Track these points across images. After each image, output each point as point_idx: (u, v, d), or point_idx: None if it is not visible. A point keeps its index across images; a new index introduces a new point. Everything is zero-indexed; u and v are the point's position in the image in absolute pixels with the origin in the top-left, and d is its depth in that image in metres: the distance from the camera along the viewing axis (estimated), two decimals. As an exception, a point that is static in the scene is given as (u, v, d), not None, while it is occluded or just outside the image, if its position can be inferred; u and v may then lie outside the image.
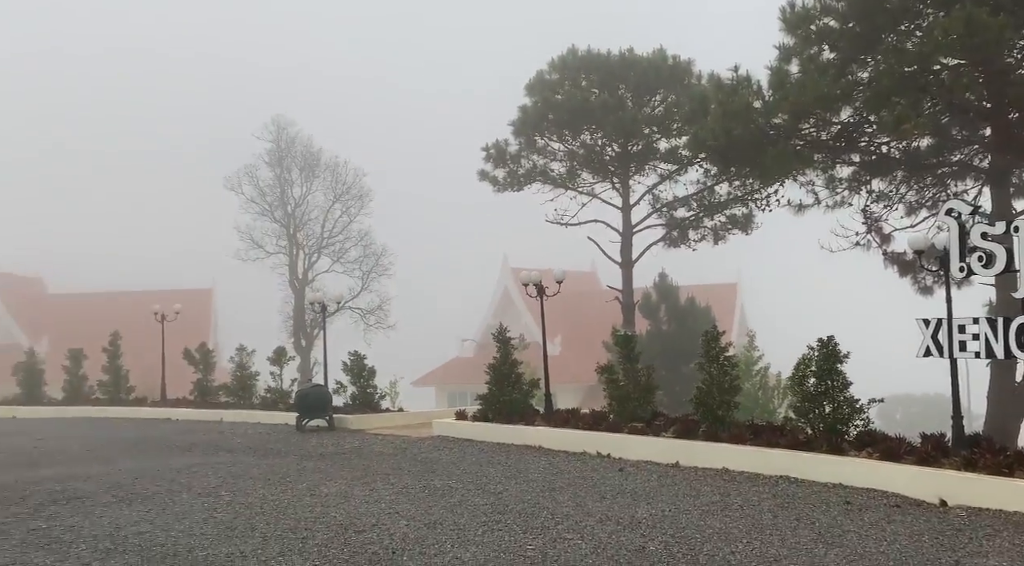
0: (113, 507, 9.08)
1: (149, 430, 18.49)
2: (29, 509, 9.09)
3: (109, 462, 13.13)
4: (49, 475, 11.67)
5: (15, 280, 52.35)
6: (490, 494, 9.39)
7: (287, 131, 42.23)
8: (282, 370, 21.35)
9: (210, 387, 23.20)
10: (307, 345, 39.40)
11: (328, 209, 42.14)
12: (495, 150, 27.05)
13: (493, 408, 15.31)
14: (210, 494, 9.78)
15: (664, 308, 30.24)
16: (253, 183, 41.56)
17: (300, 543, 7.20)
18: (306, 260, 41.87)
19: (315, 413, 17.40)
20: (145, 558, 6.78)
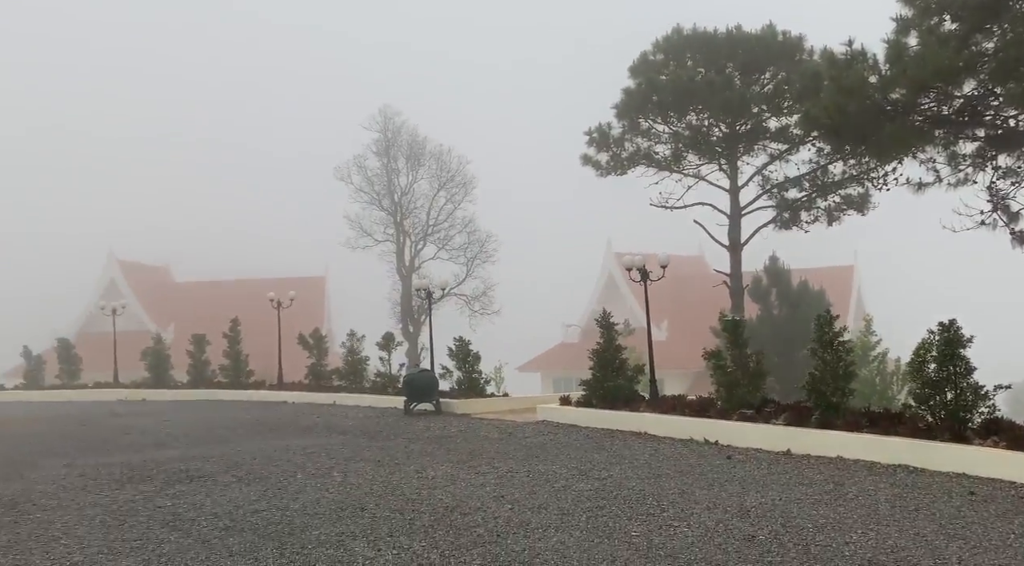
0: (232, 487, 9.48)
1: (266, 412, 19.23)
2: (155, 487, 9.59)
3: (229, 443, 13.73)
4: (174, 455, 12.30)
5: (144, 269, 55.27)
6: (594, 479, 9.35)
7: (393, 121, 43.07)
8: (390, 355, 21.84)
9: (323, 371, 23.97)
10: (414, 331, 40.21)
11: (433, 197, 42.84)
12: (598, 134, 26.81)
13: (597, 394, 15.24)
14: (323, 475, 10.10)
15: (775, 292, 29.41)
16: (361, 173, 42.63)
17: (407, 524, 7.35)
18: (412, 248, 42.69)
19: (422, 397, 17.72)
20: (261, 536, 7.04)
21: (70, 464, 11.62)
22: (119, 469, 10.99)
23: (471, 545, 6.61)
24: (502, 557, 6.26)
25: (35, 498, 9.09)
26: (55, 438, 15.09)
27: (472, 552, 6.40)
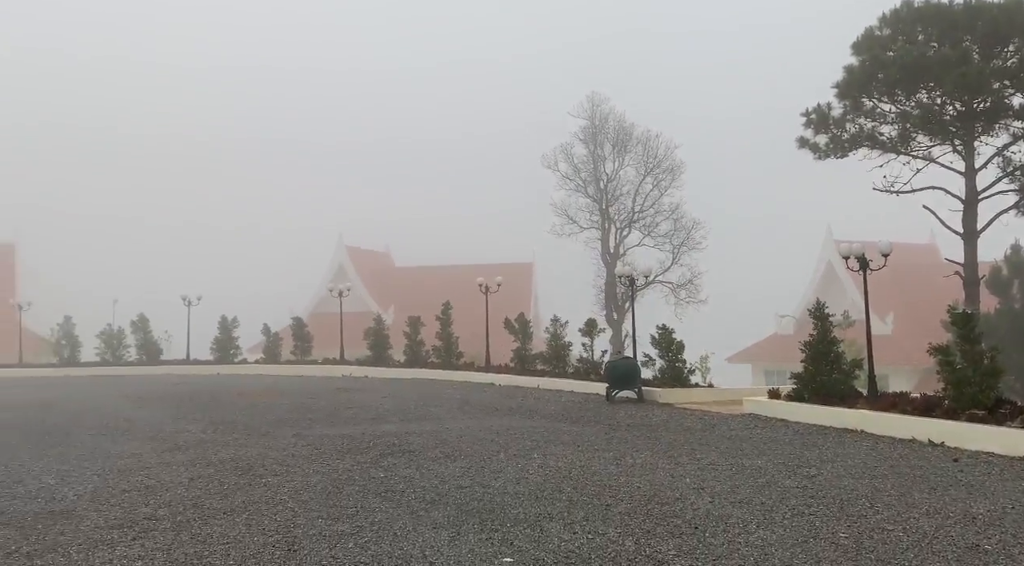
0: (440, 462, 9.91)
1: (474, 393, 19.95)
2: (371, 459, 10.22)
3: (438, 420, 14.38)
4: (390, 430, 13.05)
5: (368, 254, 58.90)
6: (802, 477, 8.94)
7: (600, 108, 43.10)
8: (593, 342, 21.94)
9: (528, 355, 24.49)
10: (618, 318, 40.14)
11: (639, 183, 42.49)
12: (816, 115, 25.48)
13: (809, 388, 14.54)
14: (523, 456, 10.33)
15: (1017, 284, 26.73)
16: (568, 160, 43.02)
17: (604, 510, 7.37)
18: (617, 234, 42.58)
19: (624, 385, 17.68)
20: (463, 511, 7.32)
21: (299, 434, 12.63)
22: (341, 441, 11.81)
23: (668, 535, 6.52)
24: (699, 550, 6.13)
25: (267, 464, 9.95)
26: (287, 410, 16.45)
27: (668, 542, 6.32)
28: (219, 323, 34.21)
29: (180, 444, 11.73)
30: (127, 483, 8.82)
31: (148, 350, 35.28)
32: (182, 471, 9.51)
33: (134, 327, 35.68)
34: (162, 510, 7.52)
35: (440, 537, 6.47)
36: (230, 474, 9.29)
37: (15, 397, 21.11)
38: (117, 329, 36.12)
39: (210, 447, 11.39)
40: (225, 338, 34.02)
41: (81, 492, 8.35)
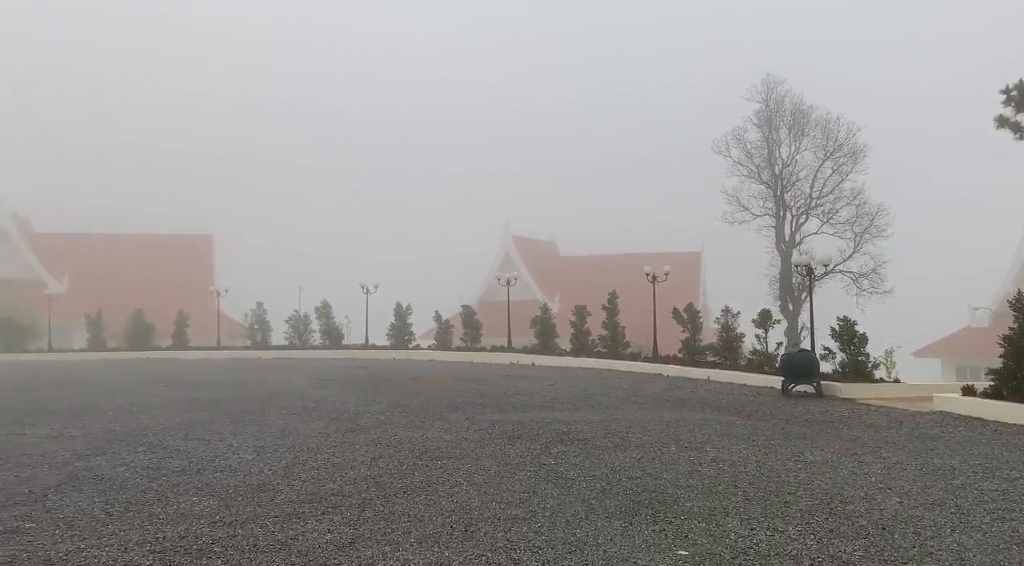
0: (610, 452, 9.90)
1: (641, 384, 19.79)
2: (540, 446, 10.34)
3: (606, 410, 14.36)
4: (558, 418, 13.16)
5: (534, 245, 59.56)
6: (1002, 479, 8.29)
7: (776, 90, 41.49)
8: (767, 333, 21.24)
9: (697, 346, 24.03)
10: (793, 309, 38.62)
11: (817, 168, 40.63)
12: (1017, 92, 23.39)
13: (1009, 385, 13.45)
14: (696, 449, 10.15)
15: None
16: (740, 145, 41.73)
17: (783, 507, 7.12)
18: (793, 222, 40.91)
19: (802, 378, 17.01)
20: (635, 502, 7.28)
21: (470, 419, 12.98)
22: (511, 426, 12.03)
23: (853, 535, 6.22)
24: (887, 551, 5.81)
25: (442, 447, 10.28)
26: (459, 395, 16.93)
27: (854, 543, 6.03)
28: (395, 310, 35.69)
29: (362, 425, 12.33)
30: (316, 460, 9.36)
31: (331, 335, 37.31)
32: (365, 450, 9.99)
33: (318, 313, 37.83)
34: (348, 487, 7.93)
35: (612, 526, 6.46)
36: (408, 455, 9.67)
37: (215, 376, 22.89)
38: (303, 315, 38.43)
39: (389, 428, 11.90)
40: (400, 325, 35.44)
41: (275, 467, 8.94)
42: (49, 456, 9.57)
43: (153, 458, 9.51)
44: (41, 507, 7.08)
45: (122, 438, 11.05)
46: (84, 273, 52.73)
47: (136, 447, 10.29)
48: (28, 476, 8.38)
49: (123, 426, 12.27)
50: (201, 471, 8.71)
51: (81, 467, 8.92)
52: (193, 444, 10.53)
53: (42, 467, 8.90)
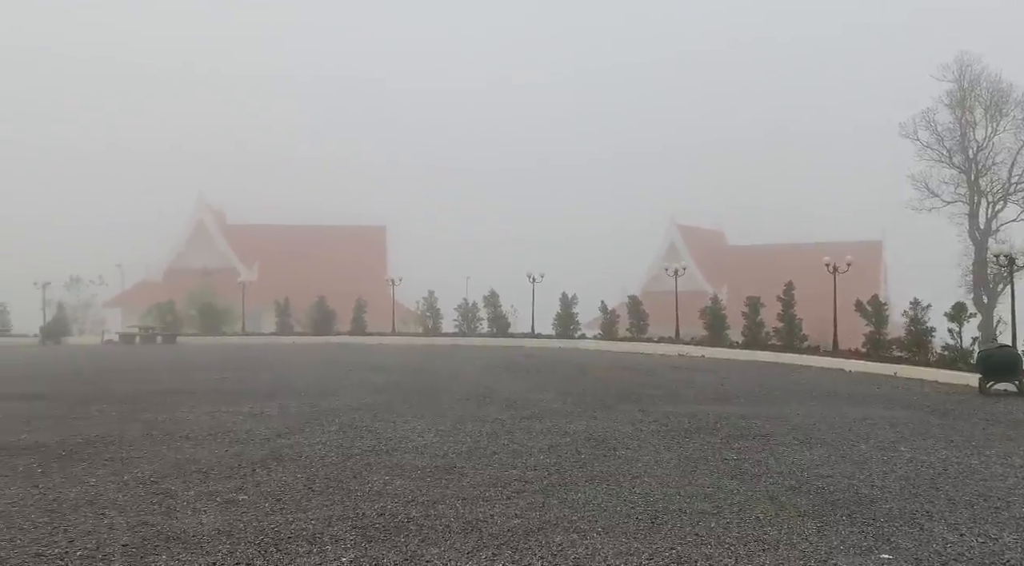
0: (794, 448, 9.56)
1: (822, 379, 18.99)
2: (720, 440, 10.12)
3: (786, 405, 13.86)
4: (735, 412, 12.84)
5: (701, 233, 58.31)
6: None
7: (971, 69, 38.58)
8: (961, 328, 19.85)
9: (882, 341, 22.77)
10: (989, 302, 35.89)
11: (1018, 151, 37.48)
12: None
13: None
14: (888, 448, 9.62)
15: None
16: (930, 128, 39.12)
17: (993, 512, 6.63)
18: (989, 209, 37.97)
19: (1002, 376, 15.80)
20: (828, 501, 6.99)
21: (643, 410, 12.88)
22: (686, 419, 11.84)
23: (1079, 550, 5.71)
24: (1122, 571, 5.30)
25: (619, 437, 10.26)
26: (629, 385, 16.85)
27: (1080, 558, 5.53)
28: (560, 300, 35.90)
29: (536, 413, 12.50)
30: (495, 445, 9.57)
31: (498, 323, 38.03)
32: (541, 438, 10.12)
33: (486, 302, 38.64)
34: (529, 473, 8.06)
35: (807, 525, 6.23)
36: (584, 444, 9.71)
37: (392, 361, 23.87)
38: (472, 303, 39.39)
39: (562, 417, 12.00)
40: (565, 314, 35.62)
41: (459, 451, 9.22)
42: (253, 433, 10.28)
43: (345, 438, 10.02)
44: (251, 480, 7.62)
45: (315, 418, 11.72)
46: (272, 262, 56.29)
47: (328, 426, 10.89)
48: (237, 451, 9.04)
49: (314, 407, 13.01)
50: (391, 452, 9.10)
51: (282, 444, 9.52)
52: (380, 425, 11.03)
53: (248, 443, 9.57)
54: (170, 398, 14.07)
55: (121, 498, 6.83)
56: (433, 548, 5.63)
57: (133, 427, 10.66)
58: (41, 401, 13.70)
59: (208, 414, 12.02)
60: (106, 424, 10.96)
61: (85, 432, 10.19)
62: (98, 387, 16.32)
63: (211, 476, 7.75)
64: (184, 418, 11.58)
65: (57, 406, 12.95)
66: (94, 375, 19.54)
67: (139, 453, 8.85)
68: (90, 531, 5.84)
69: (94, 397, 14.30)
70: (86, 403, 13.31)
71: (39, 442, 9.43)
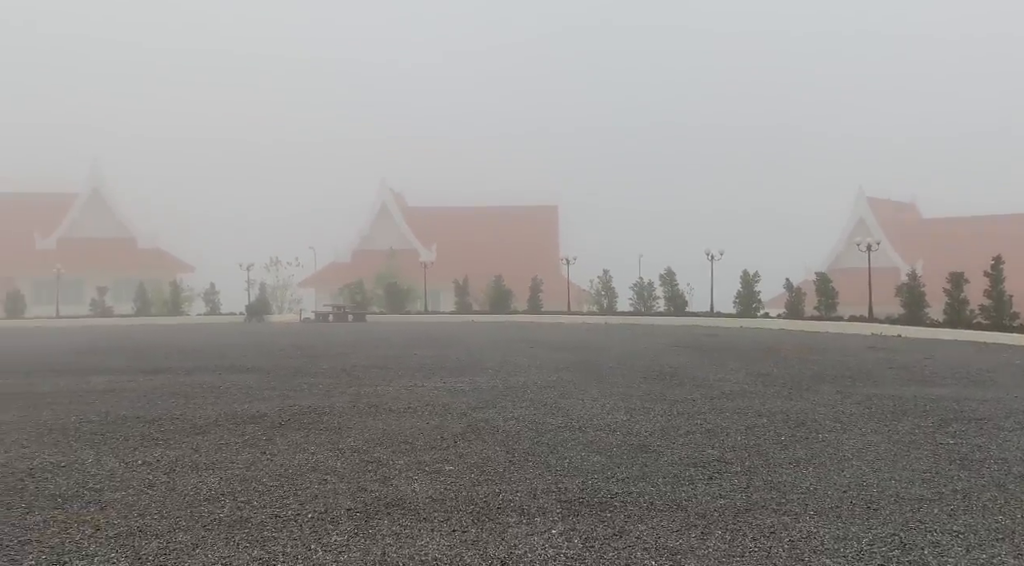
0: (1018, 434, 8.85)
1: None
2: (932, 424, 9.51)
3: (1001, 388, 12.85)
4: (943, 394, 12.03)
5: (891, 206, 54.92)
6: None
7: None
8: None
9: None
10: None
11: None
12: None
13: None
14: None
15: None
16: None
17: None
18: None
19: None
20: (1065, 492, 6.43)
21: (842, 392, 12.30)
22: (891, 402, 11.21)
23: None
24: None
25: (818, 419, 9.86)
26: (823, 366, 16.17)
27: None
28: (741, 277, 34.91)
29: (726, 392, 12.22)
30: (689, 425, 9.44)
31: (675, 302, 37.49)
32: (737, 419, 9.88)
33: (662, 280, 38.17)
34: (728, 454, 7.89)
35: (1044, 517, 5.76)
36: (783, 426, 9.40)
37: (570, 340, 24.08)
38: (647, 282, 39.03)
39: (755, 398, 11.67)
40: (747, 292, 34.61)
41: (651, 429, 9.17)
42: (451, 407, 10.66)
43: (536, 413, 10.21)
44: (454, 452, 7.90)
45: (505, 394, 12.00)
46: (449, 243, 58.08)
47: (519, 402, 11.12)
48: (437, 424, 9.40)
49: (503, 382, 13.32)
50: (583, 428, 9.18)
51: (478, 418, 9.82)
52: (569, 402, 11.14)
53: (446, 416, 9.94)
54: (369, 373, 14.84)
55: (339, 465, 7.27)
56: (640, 525, 5.63)
57: (340, 399, 11.32)
58: (254, 374, 14.80)
59: (405, 388, 12.58)
60: (316, 396, 11.70)
61: (299, 403, 10.92)
62: (303, 362, 17.44)
63: (417, 447, 8.10)
64: (384, 392, 12.17)
65: (270, 379, 13.95)
66: (297, 350, 20.89)
67: (349, 423, 9.38)
68: (316, 495, 6.26)
69: (301, 371, 15.31)
70: (295, 376, 14.27)
71: (260, 412, 10.19)
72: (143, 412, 10.23)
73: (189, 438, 8.50)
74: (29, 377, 14.70)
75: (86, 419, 9.69)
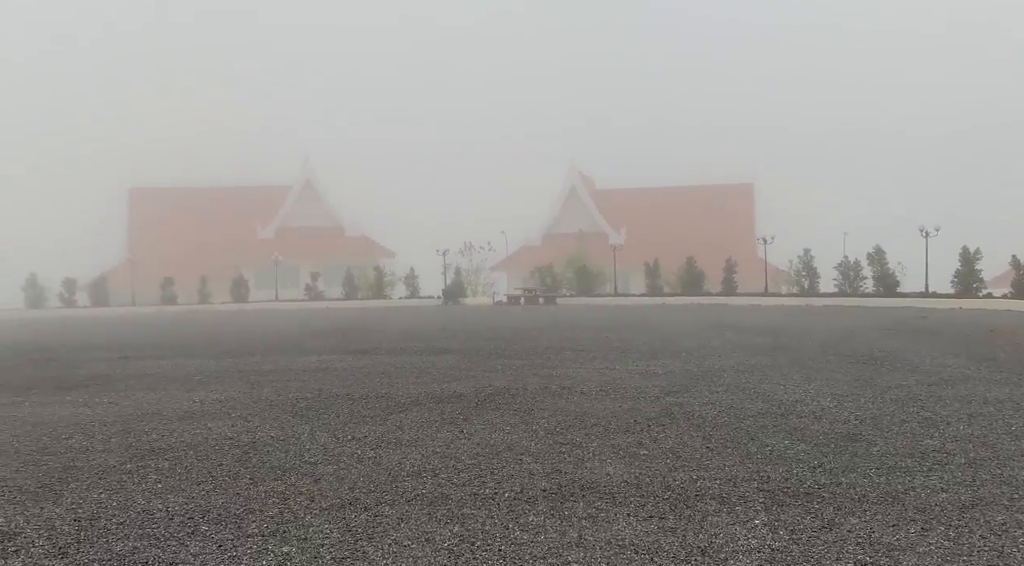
0: None
1: None
2: None
3: None
4: None
5: None
6: None
7: None
8: None
9: None
10: None
11: None
12: None
13: None
14: None
15: None
16: None
17: None
18: None
19: None
20: None
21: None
22: None
23: None
24: None
25: (1056, 408, 8.90)
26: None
27: None
28: (960, 255, 32.22)
29: (945, 378, 11.30)
30: (904, 413, 8.79)
31: (884, 282, 35.19)
32: (957, 407, 9.10)
33: (870, 259, 35.92)
34: (949, 444, 7.27)
35: None
36: (1014, 415, 8.56)
37: (768, 323, 23.16)
38: (853, 261, 36.86)
39: (979, 384, 10.71)
40: (967, 270, 31.91)
41: (861, 417, 8.61)
42: (642, 390, 10.53)
43: (733, 399, 9.86)
44: (648, 436, 7.77)
45: (700, 378, 11.69)
46: (639, 224, 57.49)
47: (715, 387, 10.79)
48: (630, 407, 9.30)
49: (697, 366, 13.00)
50: (785, 415, 8.76)
51: (671, 402, 9.62)
52: (769, 387, 10.69)
53: (639, 400, 9.81)
54: (561, 355, 14.95)
55: (533, 446, 7.33)
56: (852, 518, 5.28)
57: (533, 381, 11.46)
58: (452, 355, 15.29)
59: (597, 371, 12.55)
60: (509, 377, 11.91)
61: (494, 384, 11.16)
62: (497, 343, 17.84)
63: (610, 430, 8.04)
64: (576, 374, 12.20)
65: (465, 360, 14.37)
66: (490, 333, 21.41)
67: (542, 405, 9.47)
68: (512, 475, 6.34)
69: (495, 352, 15.67)
70: (489, 358, 14.62)
71: (457, 392, 10.51)
72: (352, 390, 10.81)
73: (393, 416, 8.89)
74: (253, 357, 15.95)
75: (301, 396, 10.37)
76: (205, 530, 5.08)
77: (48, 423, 8.74)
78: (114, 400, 10.35)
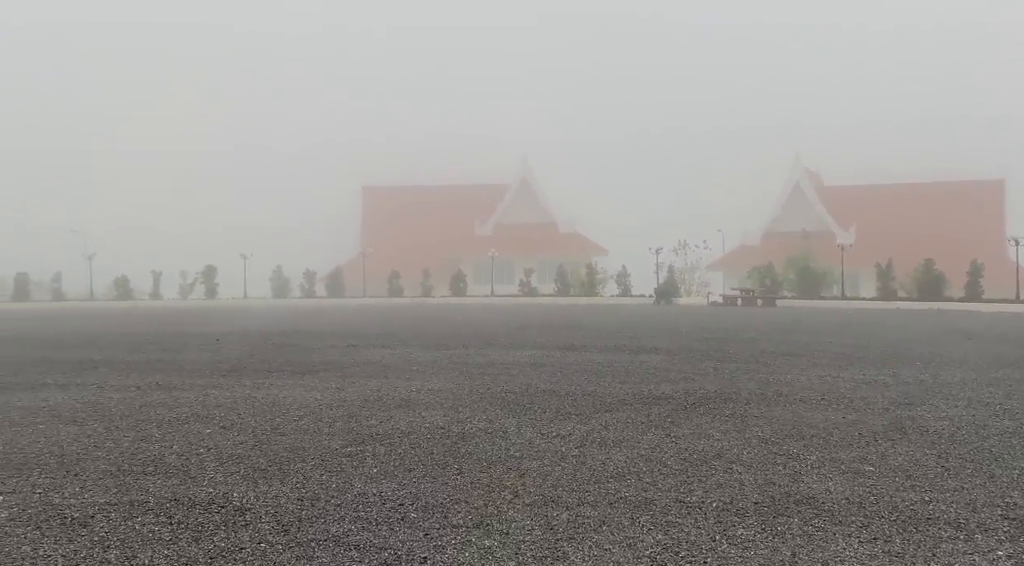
0: None
1: None
2: None
3: None
4: None
5: None
6: None
7: None
8: None
9: None
10: None
11: None
12: None
13: None
14: None
15: None
16: None
17: None
18: None
19: None
20: None
21: None
22: None
23: None
24: None
25: None
26: None
27: None
28: None
29: None
30: None
31: None
32: None
33: None
34: None
35: None
36: None
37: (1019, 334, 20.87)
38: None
39: None
40: None
41: None
42: (869, 401, 9.77)
43: (976, 414, 8.92)
44: (874, 451, 7.18)
45: (935, 390, 10.70)
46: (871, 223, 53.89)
47: (953, 400, 9.83)
48: (854, 419, 8.64)
49: (932, 377, 11.92)
50: (1038, 436, 7.81)
51: (903, 416, 8.85)
52: (1017, 404, 9.58)
53: (865, 412, 9.10)
54: (779, 360, 14.24)
55: (745, 455, 6.98)
56: (1121, 562, 4.56)
57: (747, 385, 10.97)
58: (662, 355, 14.99)
59: (818, 378, 11.82)
60: (722, 381, 11.48)
61: (705, 387, 10.80)
62: (709, 345, 17.31)
63: (830, 442, 7.50)
64: (795, 380, 11.55)
65: (677, 361, 14.03)
66: (704, 333, 20.82)
67: (756, 412, 9.02)
68: (721, 484, 6.05)
69: (707, 354, 15.19)
70: (701, 359, 14.19)
71: (665, 393, 10.25)
72: (559, 386, 10.85)
73: (599, 414, 8.81)
74: (467, 349, 16.47)
75: (510, 389, 10.54)
76: (413, 517, 5.23)
77: (282, 405, 9.43)
78: (340, 385, 11.02)
